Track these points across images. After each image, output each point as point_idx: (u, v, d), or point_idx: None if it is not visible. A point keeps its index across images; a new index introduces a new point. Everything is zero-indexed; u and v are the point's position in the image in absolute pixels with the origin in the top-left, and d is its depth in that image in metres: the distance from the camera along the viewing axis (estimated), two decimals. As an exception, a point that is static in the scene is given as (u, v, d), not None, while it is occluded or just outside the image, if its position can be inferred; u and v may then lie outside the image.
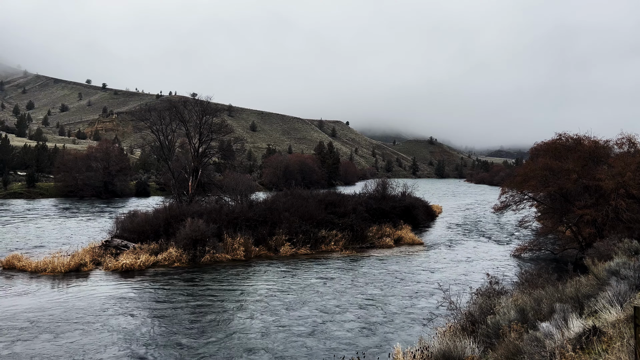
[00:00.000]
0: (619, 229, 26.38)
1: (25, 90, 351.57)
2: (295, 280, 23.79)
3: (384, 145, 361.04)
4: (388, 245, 34.57)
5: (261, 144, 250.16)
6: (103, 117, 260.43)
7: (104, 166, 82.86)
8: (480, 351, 9.63)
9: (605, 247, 19.63)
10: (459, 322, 12.64)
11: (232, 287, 22.45)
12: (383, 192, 47.20)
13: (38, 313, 17.72)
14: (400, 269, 26.92)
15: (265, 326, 16.69)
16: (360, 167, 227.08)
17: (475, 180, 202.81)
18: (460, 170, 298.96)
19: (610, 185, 27.19)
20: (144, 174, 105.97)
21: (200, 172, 44.68)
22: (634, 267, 12.06)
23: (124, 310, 18.36)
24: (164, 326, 16.62)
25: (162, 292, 21.37)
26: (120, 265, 25.42)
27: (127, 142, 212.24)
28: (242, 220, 32.00)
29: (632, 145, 31.23)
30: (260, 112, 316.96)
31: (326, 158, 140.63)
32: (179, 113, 47.54)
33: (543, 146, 35.87)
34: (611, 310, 8.86)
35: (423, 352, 10.34)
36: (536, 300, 11.40)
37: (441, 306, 17.45)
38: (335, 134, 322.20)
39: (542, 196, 34.52)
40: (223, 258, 28.20)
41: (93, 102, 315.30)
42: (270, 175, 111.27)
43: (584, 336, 7.44)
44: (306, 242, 32.02)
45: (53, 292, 21.04)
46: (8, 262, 25.56)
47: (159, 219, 31.41)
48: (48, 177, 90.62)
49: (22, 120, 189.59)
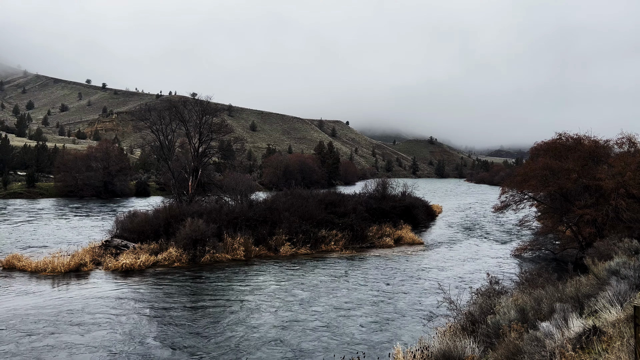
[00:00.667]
0: (619, 228, 26.35)
1: (25, 90, 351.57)
2: (296, 280, 23.78)
3: (384, 145, 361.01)
4: (388, 245, 34.57)
5: (261, 144, 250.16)
6: (103, 117, 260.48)
7: (103, 166, 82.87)
8: (480, 351, 9.63)
9: (606, 246, 19.62)
10: (459, 321, 12.64)
11: (233, 286, 22.45)
12: (383, 191, 47.20)
13: (37, 313, 17.72)
14: (400, 269, 26.92)
15: (264, 326, 16.68)
16: (360, 167, 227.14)
17: (475, 180, 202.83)
18: (460, 170, 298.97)
19: (610, 185, 27.17)
20: (144, 173, 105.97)
21: (200, 172, 44.66)
22: (634, 266, 12.06)
23: (124, 310, 18.36)
24: (165, 326, 16.61)
25: (162, 291, 21.37)
26: (120, 265, 25.42)
27: (127, 142, 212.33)
28: (242, 220, 32.00)
29: (632, 145, 31.20)
30: (260, 112, 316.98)
31: (326, 158, 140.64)
32: (178, 113, 47.51)
33: (543, 146, 35.85)
34: (611, 310, 8.86)
35: (423, 352, 10.33)
36: (536, 300, 11.40)
37: (441, 306, 17.43)
38: (335, 134, 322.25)
39: (542, 196, 34.50)
40: (223, 258, 28.20)
41: (93, 102, 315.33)
42: (270, 175, 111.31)
43: (584, 336, 7.43)
44: (306, 242, 32.02)
45: (53, 291, 21.04)
46: (8, 262, 25.57)
47: (159, 219, 31.41)
48: (48, 177, 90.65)
49: (22, 120, 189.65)
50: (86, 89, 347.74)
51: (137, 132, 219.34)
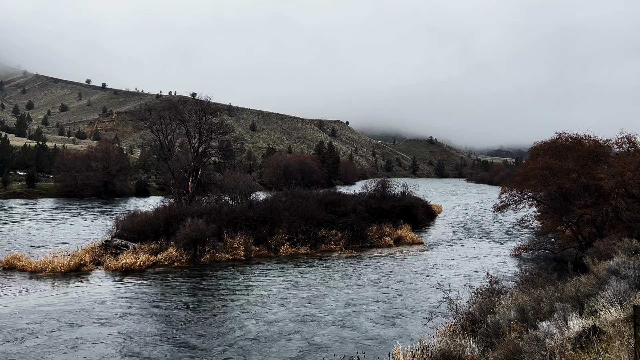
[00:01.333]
0: (618, 228, 26.36)
1: (25, 90, 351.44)
2: (295, 280, 23.79)
3: (384, 145, 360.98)
4: (388, 245, 34.57)
5: (261, 144, 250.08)
6: (103, 116, 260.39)
7: (103, 166, 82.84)
8: (480, 350, 9.63)
9: (605, 246, 19.63)
10: (459, 321, 12.65)
11: (233, 286, 22.46)
12: (383, 191, 47.20)
13: (37, 312, 17.72)
14: (399, 269, 26.93)
15: (263, 325, 16.69)
16: (360, 167, 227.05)
17: (475, 179, 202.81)
18: (460, 170, 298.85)
19: (610, 185, 27.19)
20: (144, 173, 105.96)
21: (200, 172, 44.66)
22: (633, 266, 12.07)
23: (124, 309, 18.36)
24: (165, 325, 16.62)
25: (162, 291, 21.38)
26: (120, 265, 25.43)
27: (126, 142, 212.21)
28: (242, 220, 32.01)
29: (631, 145, 31.23)
30: (260, 111, 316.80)
31: (326, 158, 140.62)
32: (178, 113, 47.51)
33: (543, 145, 35.88)
34: (611, 310, 8.86)
35: (423, 352, 10.34)
36: (536, 299, 11.41)
37: (441, 305, 17.45)
38: (335, 134, 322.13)
39: (542, 195, 34.51)
40: (223, 258, 28.21)
41: (93, 101, 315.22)
42: (270, 175, 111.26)
43: (584, 335, 7.44)
44: (306, 241, 32.03)
45: (53, 291, 21.04)
46: (8, 262, 25.58)
47: (158, 219, 31.42)
48: (48, 177, 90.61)
49: (21, 120, 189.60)
50: (86, 89, 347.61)
51: (137, 132, 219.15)
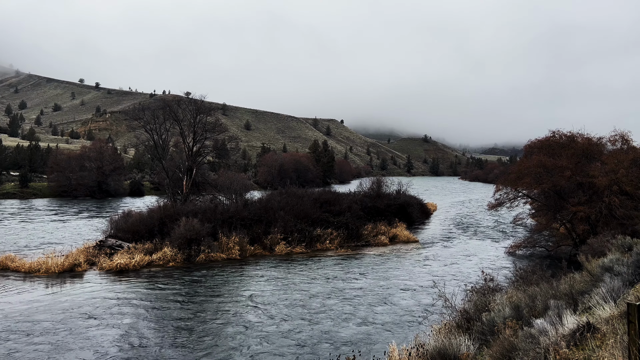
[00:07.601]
0: (612, 225, 26.53)
1: (18, 90, 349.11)
2: (291, 278, 23.77)
3: (379, 144, 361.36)
4: (383, 244, 34.61)
5: (256, 143, 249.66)
6: (96, 116, 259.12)
7: (97, 166, 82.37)
8: (475, 348, 9.66)
9: (599, 243, 19.74)
10: (454, 319, 12.67)
11: (228, 285, 22.42)
12: (378, 190, 47.25)
13: (30, 313, 17.60)
14: (394, 267, 26.97)
15: (257, 325, 16.67)
16: (355, 166, 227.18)
17: (470, 177, 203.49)
18: (455, 168, 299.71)
19: (603, 182, 27.35)
20: (138, 173, 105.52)
21: (194, 171, 44.51)
22: (627, 263, 12.14)
23: (118, 309, 18.28)
24: (160, 325, 16.55)
25: (157, 291, 21.30)
26: (114, 265, 25.30)
27: (120, 142, 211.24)
28: (237, 219, 31.93)
29: (625, 143, 31.42)
30: (255, 110, 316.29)
31: (321, 156, 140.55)
32: (172, 112, 47.30)
33: (537, 143, 36.00)
34: (605, 307, 8.90)
35: (418, 350, 10.34)
36: (530, 297, 11.45)
37: (436, 303, 17.49)
38: (329, 133, 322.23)
39: (536, 193, 34.66)
40: (218, 257, 28.14)
41: (86, 101, 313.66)
42: (265, 174, 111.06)
43: (578, 332, 7.47)
44: (301, 240, 32.01)
45: (46, 292, 20.91)
46: (1, 262, 25.37)
47: (153, 219, 31.29)
48: (41, 177, 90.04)
49: (14, 120, 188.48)
50: (79, 89, 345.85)
51: (131, 131, 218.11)
